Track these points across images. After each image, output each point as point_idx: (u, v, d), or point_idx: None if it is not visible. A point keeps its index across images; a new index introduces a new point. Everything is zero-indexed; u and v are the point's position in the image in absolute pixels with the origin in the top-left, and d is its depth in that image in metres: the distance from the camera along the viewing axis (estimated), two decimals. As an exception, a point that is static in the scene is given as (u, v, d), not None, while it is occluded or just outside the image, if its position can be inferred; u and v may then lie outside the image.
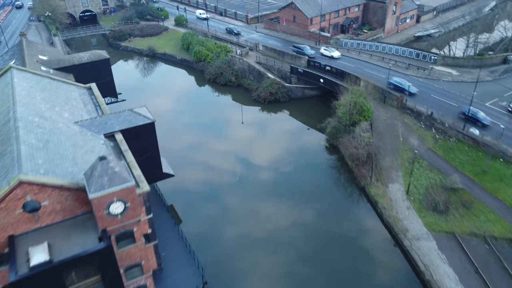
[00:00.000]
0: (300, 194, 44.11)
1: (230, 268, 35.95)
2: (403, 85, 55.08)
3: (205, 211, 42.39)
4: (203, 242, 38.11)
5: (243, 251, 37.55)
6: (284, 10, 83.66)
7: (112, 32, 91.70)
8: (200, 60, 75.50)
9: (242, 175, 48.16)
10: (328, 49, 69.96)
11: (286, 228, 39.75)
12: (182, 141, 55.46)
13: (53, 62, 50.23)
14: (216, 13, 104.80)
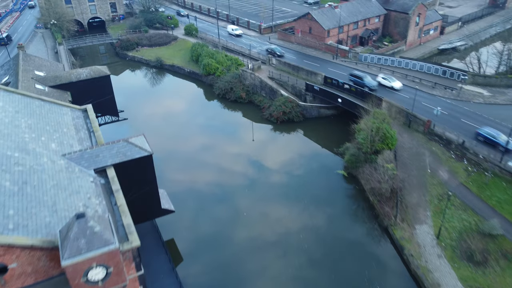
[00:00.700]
0: (314, 234, 39.74)
1: (240, 270, 36.06)
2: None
3: (210, 250, 38.34)
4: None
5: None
6: (299, 21, 79.63)
7: (119, 41, 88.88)
8: (209, 73, 71.86)
9: (246, 207, 44.05)
10: (387, 78, 59.33)
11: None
12: (186, 158, 51.71)
13: (49, 79, 47.01)
14: (228, 21, 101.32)
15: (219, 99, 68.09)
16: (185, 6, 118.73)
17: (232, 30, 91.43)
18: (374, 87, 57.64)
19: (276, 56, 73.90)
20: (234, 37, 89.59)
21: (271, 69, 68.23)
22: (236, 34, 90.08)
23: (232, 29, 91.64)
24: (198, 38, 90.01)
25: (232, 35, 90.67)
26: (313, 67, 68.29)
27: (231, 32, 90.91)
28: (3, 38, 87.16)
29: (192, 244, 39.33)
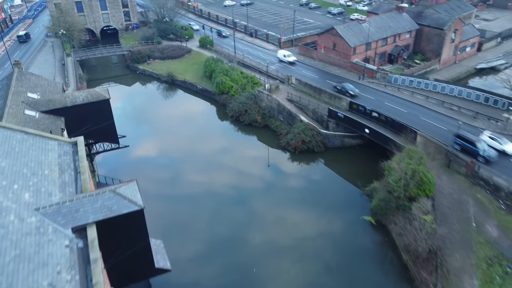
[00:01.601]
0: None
1: (254, 274, 35.90)
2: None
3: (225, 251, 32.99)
4: None
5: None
6: (323, 36, 73.96)
7: (130, 53, 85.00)
8: (222, 92, 66.88)
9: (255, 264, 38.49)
10: (496, 139, 44.85)
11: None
12: (192, 187, 46.59)
13: (41, 103, 42.71)
14: (246, 33, 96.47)
15: (232, 121, 62.95)
16: (201, 15, 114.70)
17: (284, 56, 76.21)
18: (493, 158, 42.76)
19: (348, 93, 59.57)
20: (287, 64, 75.13)
21: (290, 90, 62.75)
22: (289, 61, 75.16)
23: (284, 55, 76.34)
24: (213, 51, 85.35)
25: (284, 62, 76.15)
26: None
27: (283, 59, 76.07)
28: (22, 36, 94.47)
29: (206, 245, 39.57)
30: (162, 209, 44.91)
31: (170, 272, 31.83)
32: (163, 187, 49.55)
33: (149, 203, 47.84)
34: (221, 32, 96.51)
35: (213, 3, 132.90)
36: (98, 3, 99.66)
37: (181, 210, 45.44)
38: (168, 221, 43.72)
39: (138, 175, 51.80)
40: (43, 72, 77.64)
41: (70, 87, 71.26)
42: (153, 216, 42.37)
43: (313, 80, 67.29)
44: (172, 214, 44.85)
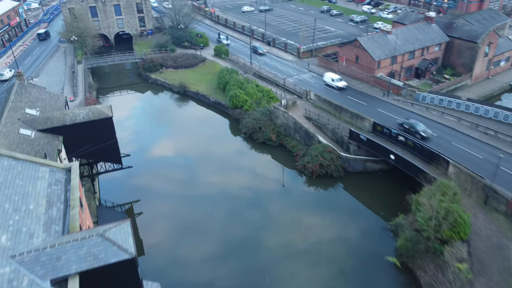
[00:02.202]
0: None
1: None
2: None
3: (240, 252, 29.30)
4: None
5: None
6: (345, 48, 69.75)
7: (142, 61, 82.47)
8: (236, 106, 63.39)
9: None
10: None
11: None
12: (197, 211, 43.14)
13: (38, 120, 40.04)
14: (264, 41, 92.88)
15: (245, 138, 59.34)
16: (218, 21, 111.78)
17: (333, 80, 65.24)
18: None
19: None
20: (336, 90, 64.73)
21: (308, 106, 58.80)
22: (339, 86, 64.59)
23: (333, 79, 65.24)
24: (229, 60, 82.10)
25: (331, 87, 65.64)
26: (359, 106, 58.26)
27: (331, 84, 65.49)
28: (42, 34, 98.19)
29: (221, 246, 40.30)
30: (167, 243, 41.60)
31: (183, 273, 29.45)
32: (168, 210, 46.33)
33: (155, 226, 44.03)
34: (257, 49, 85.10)
35: (231, 8, 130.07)
36: (113, 8, 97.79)
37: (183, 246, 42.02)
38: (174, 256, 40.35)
39: (142, 195, 48.81)
40: (52, 80, 75.89)
41: (78, 97, 69.02)
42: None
43: (333, 95, 63.14)
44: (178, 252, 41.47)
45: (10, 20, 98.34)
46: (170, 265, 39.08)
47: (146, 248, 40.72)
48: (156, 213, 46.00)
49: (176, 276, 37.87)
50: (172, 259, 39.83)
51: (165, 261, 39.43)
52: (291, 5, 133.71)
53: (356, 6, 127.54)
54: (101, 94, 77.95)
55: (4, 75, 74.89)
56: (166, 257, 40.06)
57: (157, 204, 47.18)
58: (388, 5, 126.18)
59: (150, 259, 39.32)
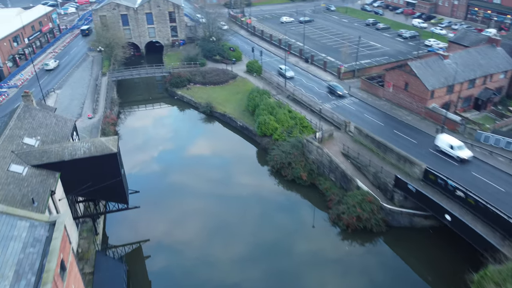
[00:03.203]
0: None
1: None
2: None
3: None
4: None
5: None
6: (393, 72, 61.80)
7: (170, 75, 77.98)
8: (265, 134, 57.16)
9: None
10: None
11: None
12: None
13: (33, 154, 35.46)
14: (301, 58, 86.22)
15: (272, 172, 52.87)
16: (254, 33, 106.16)
17: (452, 148, 46.81)
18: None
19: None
20: (457, 161, 46.46)
21: (346, 141, 51.63)
22: (461, 157, 46.05)
23: (452, 145, 46.78)
24: (261, 78, 76.09)
25: (448, 155, 47.44)
26: (406, 144, 50.43)
27: (449, 151, 47.33)
28: (84, 30, 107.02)
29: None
30: None
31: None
32: (181, 258, 40.69)
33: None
34: (283, 71, 76.03)
35: (269, 18, 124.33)
36: (145, 16, 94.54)
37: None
38: None
39: (152, 233, 43.63)
40: (74, 92, 72.83)
41: (98, 113, 65.19)
42: None
43: (376, 127, 55.59)
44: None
45: (42, 26, 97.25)
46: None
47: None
48: (166, 256, 40.56)
49: (204, 276, 38.21)
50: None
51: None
52: (334, 16, 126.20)
53: (406, 20, 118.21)
54: (123, 109, 74.20)
55: (49, 65, 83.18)
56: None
57: (168, 247, 41.76)
58: (441, 19, 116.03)
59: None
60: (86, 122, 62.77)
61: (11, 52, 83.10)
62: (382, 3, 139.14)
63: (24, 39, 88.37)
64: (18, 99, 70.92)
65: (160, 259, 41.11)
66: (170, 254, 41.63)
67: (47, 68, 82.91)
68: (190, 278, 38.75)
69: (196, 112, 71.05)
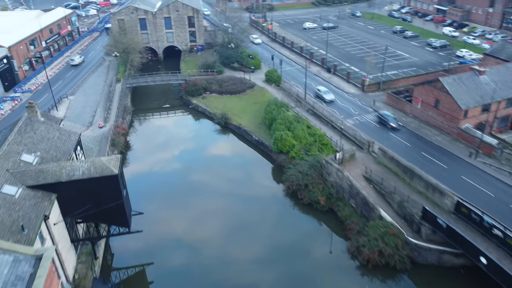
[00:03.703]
0: None
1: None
2: None
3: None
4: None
5: None
6: (422, 88, 57.49)
7: (185, 83, 75.56)
8: (281, 151, 53.87)
9: None
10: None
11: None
12: None
13: (29, 174, 33.29)
14: (323, 67, 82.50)
15: (288, 193, 49.41)
16: (275, 39, 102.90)
17: None
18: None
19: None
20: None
21: (369, 163, 47.81)
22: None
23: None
24: (280, 89, 72.82)
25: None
26: (436, 168, 46.29)
27: None
28: (108, 28, 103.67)
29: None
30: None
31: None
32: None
33: None
34: (322, 94, 67.71)
35: (292, 24, 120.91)
36: (163, 21, 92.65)
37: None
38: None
39: (156, 257, 40.94)
40: (87, 99, 71.27)
41: (109, 123, 63.25)
42: None
43: (402, 148, 51.54)
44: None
45: (60, 29, 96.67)
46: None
47: None
48: (170, 282, 37.89)
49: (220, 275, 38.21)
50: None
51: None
52: (359, 22, 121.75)
53: (436, 28, 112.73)
54: (136, 117, 72.22)
55: (74, 60, 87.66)
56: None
57: (173, 272, 39.01)
58: (474, 28, 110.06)
59: None
60: (97, 131, 60.89)
61: (28, 56, 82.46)
62: (411, 9, 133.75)
63: (41, 42, 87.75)
64: (30, 104, 69.97)
65: (164, 285, 38.43)
66: (174, 279, 38.84)
67: (73, 64, 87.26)
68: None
69: (210, 123, 68.31)
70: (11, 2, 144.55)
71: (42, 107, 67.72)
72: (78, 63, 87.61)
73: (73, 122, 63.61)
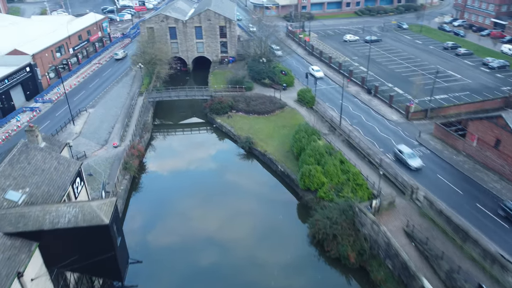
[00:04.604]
0: None
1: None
2: None
3: None
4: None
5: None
6: (479, 123, 49.32)
7: (210, 99, 70.65)
8: (308, 188, 47.58)
9: None
10: None
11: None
12: None
13: (8, 218, 29.24)
14: (363, 87, 75.23)
15: (313, 242, 42.88)
16: (312, 52, 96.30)
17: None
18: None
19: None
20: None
21: (412, 214, 40.59)
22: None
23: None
24: (313, 111, 66.44)
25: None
26: (496, 230, 38.53)
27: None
28: (137, 35, 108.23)
29: None
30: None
31: None
32: None
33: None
34: (405, 156, 50.85)
35: (332, 35, 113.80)
36: (194, 30, 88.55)
37: None
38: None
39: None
40: (107, 113, 67.91)
41: (125, 141, 59.31)
42: None
43: (452, 196, 43.91)
44: None
45: (90, 36, 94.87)
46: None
47: None
48: None
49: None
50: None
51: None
52: (406, 35, 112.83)
53: (493, 45, 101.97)
54: (156, 134, 68.09)
55: (118, 55, 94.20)
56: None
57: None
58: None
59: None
60: (111, 151, 56.98)
61: (53, 63, 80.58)
62: (464, 22, 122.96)
63: (69, 49, 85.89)
64: (49, 115, 67.56)
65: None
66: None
67: (117, 58, 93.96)
68: None
69: (234, 146, 62.81)
70: (50, 5, 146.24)
71: (61, 119, 65.06)
72: (121, 57, 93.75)
73: (88, 139, 60.17)
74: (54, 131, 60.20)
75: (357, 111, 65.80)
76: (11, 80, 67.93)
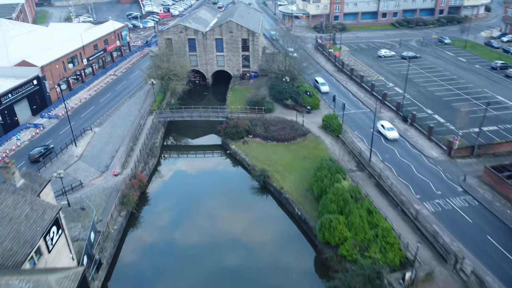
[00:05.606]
0: None
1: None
2: None
3: None
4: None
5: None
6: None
7: (226, 122, 64.53)
8: (328, 242, 40.51)
9: None
10: None
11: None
12: None
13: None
14: (398, 114, 67.01)
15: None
16: (342, 69, 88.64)
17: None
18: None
19: None
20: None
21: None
22: None
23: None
24: (339, 141, 59.16)
25: None
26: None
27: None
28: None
29: None
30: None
31: None
32: None
33: None
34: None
35: (365, 49, 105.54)
36: (214, 42, 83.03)
37: None
38: None
39: None
40: (113, 133, 63.06)
41: (127, 168, 54.06)
42: None
43: (506, 264, 35.72)
44: None
45: (107, 45, 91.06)
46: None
47: None
48: None
49: None
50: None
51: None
52: (448, 51, 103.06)
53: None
54: (169, 153, 62.92)
55: (153, 52, 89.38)
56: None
57: None
58: None
59: None
60: (110, 180, 51.76)
61: (65, 75, 76.79)
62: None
63: (82, 59, 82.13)
64: (52, 134, 63.38)
65: None
66: None
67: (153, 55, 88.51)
68: None
69: (247, 177, 56.18)
70: (76, 10, 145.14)
71: (64, 138, 60.73)
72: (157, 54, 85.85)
73: (88, 164, 55.29)
74: (53, 155, 55.82)
75: (389, 144, 57.90)
76: (16, 94, 64.22)
